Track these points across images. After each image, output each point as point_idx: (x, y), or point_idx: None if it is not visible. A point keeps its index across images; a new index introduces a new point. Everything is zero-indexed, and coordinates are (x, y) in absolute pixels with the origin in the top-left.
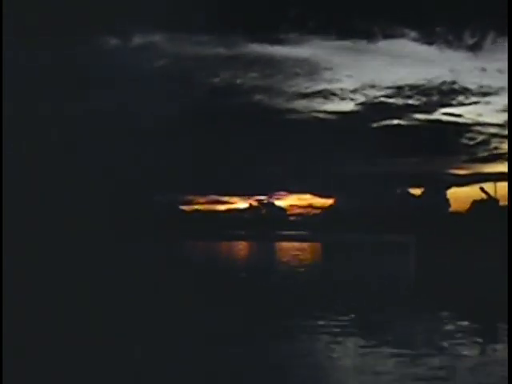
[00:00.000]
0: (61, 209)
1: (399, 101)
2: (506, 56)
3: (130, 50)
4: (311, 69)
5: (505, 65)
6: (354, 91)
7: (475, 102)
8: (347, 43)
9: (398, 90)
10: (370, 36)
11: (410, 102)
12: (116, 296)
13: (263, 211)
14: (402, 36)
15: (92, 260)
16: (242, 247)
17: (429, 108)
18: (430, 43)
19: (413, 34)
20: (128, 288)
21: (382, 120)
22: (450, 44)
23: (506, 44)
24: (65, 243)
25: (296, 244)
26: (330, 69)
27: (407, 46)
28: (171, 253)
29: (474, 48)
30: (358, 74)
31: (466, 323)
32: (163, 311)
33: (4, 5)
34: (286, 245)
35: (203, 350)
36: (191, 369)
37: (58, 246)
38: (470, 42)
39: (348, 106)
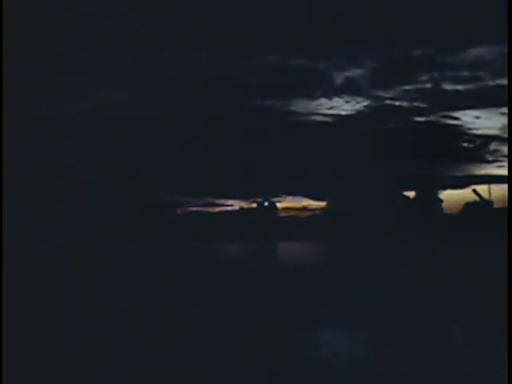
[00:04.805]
0: (59, 209)
1: (403, 103)
2: None
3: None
4: (310, 72)
5: None
6: (353, 93)
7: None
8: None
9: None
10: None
11: (412, 104)
12: (115, 296)
13: (259, 213)
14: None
15: (92, 260)
16: (237, 248)
17: (429, 111)
18: None
19: None
20: (128, 288)
21: (380, 122)
22: None
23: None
24: (65, 243)
25: (291, 244)
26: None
27: None
28: (171, 253)
29: None
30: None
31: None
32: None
33: (4, 5)
34: (280, 245)
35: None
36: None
37: (58, 245)
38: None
39: (347, 109)
